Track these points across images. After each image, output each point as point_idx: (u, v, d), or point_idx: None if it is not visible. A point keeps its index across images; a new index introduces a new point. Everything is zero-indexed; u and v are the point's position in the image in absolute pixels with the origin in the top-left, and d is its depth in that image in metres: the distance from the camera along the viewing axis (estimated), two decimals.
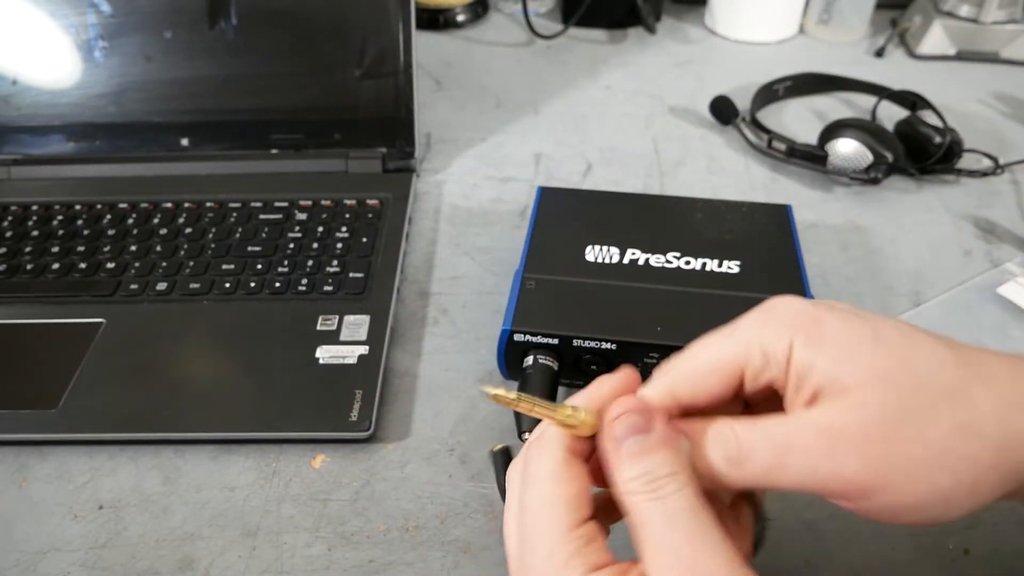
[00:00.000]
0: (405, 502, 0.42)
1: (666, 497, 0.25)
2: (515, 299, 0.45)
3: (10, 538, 0.41)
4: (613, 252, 0.49)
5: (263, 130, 0.66)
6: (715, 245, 0.49)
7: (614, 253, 0.48)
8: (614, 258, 0.48)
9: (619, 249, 0.49)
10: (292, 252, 0.57)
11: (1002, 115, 0.75)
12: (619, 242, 0.49)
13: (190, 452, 0.45)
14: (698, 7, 0.95)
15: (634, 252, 0.48)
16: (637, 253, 0.48)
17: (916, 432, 0.24)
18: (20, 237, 0.59)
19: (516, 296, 0.46)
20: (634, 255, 0.48)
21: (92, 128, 0.66)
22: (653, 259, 0.48)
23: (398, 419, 0.47)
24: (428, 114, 0.76)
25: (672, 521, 0.24)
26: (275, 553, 0.40)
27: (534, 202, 0.54)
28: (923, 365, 0.25)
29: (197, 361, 0.49)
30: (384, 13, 0.63)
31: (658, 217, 0.52)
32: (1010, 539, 0.40)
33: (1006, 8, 0.81)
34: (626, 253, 0.48)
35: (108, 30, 0.64)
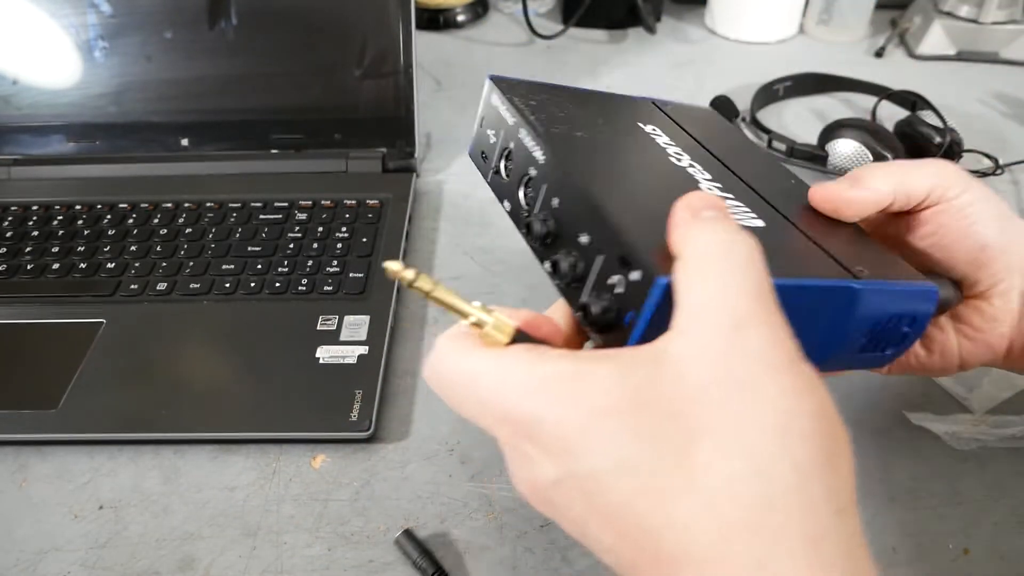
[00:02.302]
0: (405, 502, 0.42)
1: (732, 262, 0.23)
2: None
3: (10, 538, 0.41)
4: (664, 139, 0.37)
5: (263, 130, 0.66)
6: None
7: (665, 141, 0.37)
8: (657, 138, 0.37)
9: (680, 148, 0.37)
10: (292, 252, 0.57)
11: (1002, 115, 0.75)
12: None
13: (190, 452, 0.45)
14: (698, 7, 0.95)
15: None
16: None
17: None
18: (20, 237, 0.59)
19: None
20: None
21: (92, 128, 0.66)
22: (693, 169, 0.35)
23: (398, 419, 0.47)
24: (428, 114, 0.76)
25: (728, 286, 0.23)
26: (275, 553, 0.40)
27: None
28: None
29: (197, 361, 0.49)
30: (384, 13, 0.63)
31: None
32: (1010, 539, 0.40)
33: (1006, 8, 0.81)
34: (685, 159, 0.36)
35: (108, 30, 0.64)
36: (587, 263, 0.28)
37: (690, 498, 0.20)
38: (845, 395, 0.47)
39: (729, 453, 0.21)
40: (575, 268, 0.28)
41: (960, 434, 0.44)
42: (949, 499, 0.42)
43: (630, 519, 0.21)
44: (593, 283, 0.27)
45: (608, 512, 0.22)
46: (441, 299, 0.26)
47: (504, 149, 0.34)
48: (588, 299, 0.27)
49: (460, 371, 0.25)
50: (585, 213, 0.28)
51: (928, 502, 0.41)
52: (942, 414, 0.45)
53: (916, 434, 0.45)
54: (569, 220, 0.29)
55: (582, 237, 0.28)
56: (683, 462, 0.21)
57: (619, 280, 0.26)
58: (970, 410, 0.46)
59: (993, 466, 0.43)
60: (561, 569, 0.39)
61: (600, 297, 0.26)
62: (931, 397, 0.47)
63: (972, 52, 0.83)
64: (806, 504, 0.20)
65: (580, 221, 0.28)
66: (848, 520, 0.21)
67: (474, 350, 0.25)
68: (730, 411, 0.21)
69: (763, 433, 0.21)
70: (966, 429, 0.45)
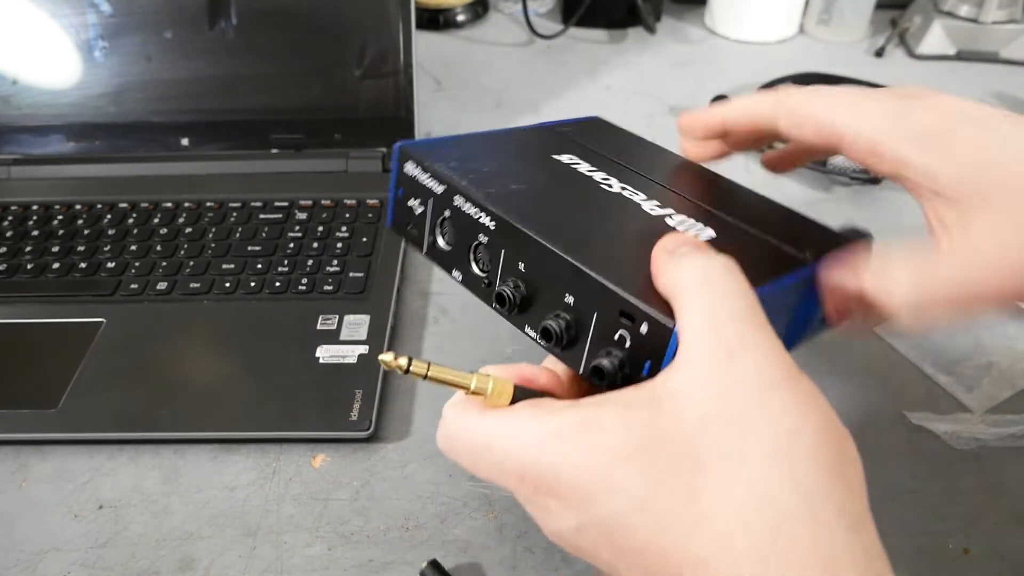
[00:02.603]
0: (405, 502, 0.42)
1: (718, 292, 0.24)
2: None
3: (10, 538, 0.41)
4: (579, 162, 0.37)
5: (263, 130, 0.66)
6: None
7: (580, 163, 0.37)
8: (580, 168, 0.36)
9: (591, 165, 0.37)
10: (292, 252, 0.57)
11: None
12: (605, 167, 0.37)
13: (190, 452, 0.45)
14: (698, 7, 0.95)
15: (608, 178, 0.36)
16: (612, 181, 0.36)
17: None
18: (20, 237, 0.59)
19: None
20: (608, 180, 0.36)
21: (92, 128, 0.66)
22: (627, 191, 0.34)
23: (398, 419, 0.47)
24: (428, 114, 0.76)
25: (721, 311, 0.23)
26: (275, 553, 0.40)
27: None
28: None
29: (197, 361, 0.49)
30: (384, 13, 0.63)
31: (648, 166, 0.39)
32: (1010, 539, 0.40)
33: (1006, 8, 0.81)
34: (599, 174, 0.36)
35: (108, 30, 0.64)
36: (580, 322, 0.27)
37: (704, 532, 0.21)
38: (845, 395, 0.47)
39: (734, 483, 0.21)
40: (569, 330, 0.28)
41: (960, 434, 0.44)
42: (949, 499, 0.42)
43: (653, 557, 0.22)
44: (592, 342, 0.27)
45: (633, 552, 0.22)
46: (438, 378, 0.26)
47: (438, 219, 0.32)
48: (599, 360, 0.26)
49: (472, 438, 0.26)
50: (562, 273, 0.28)
51: (928, 502, 0.41)
52: (942, 414, 0.45)
53: (916, 434, 0.45)
54: (544, 282, 0.29)
55: (567, 298, 0.28)
56: (693, 497, 0.21)
57: (626, 334, 0.26)
58: (970, 410, 0.46)
59: (993, 466, 0.43)
60: (561, 569, 0.39)
61: (610, 354, 0.26)
62: (931, 397, 0.47)
63: (972, 52, 0.83)
64: (816, 525, 0.20)
65: (558, 281, 0.28)
66: (862, 534, 0.21)
67: (482, 415, 0.26)
68: (732, 441, 0.21)
69: (766, 458, 0.21)
70: (966, 429, 0.45)
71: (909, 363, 0.49)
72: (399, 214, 0.35)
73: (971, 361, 0.49)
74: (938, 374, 0.48)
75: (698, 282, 0.24)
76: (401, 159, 0.34)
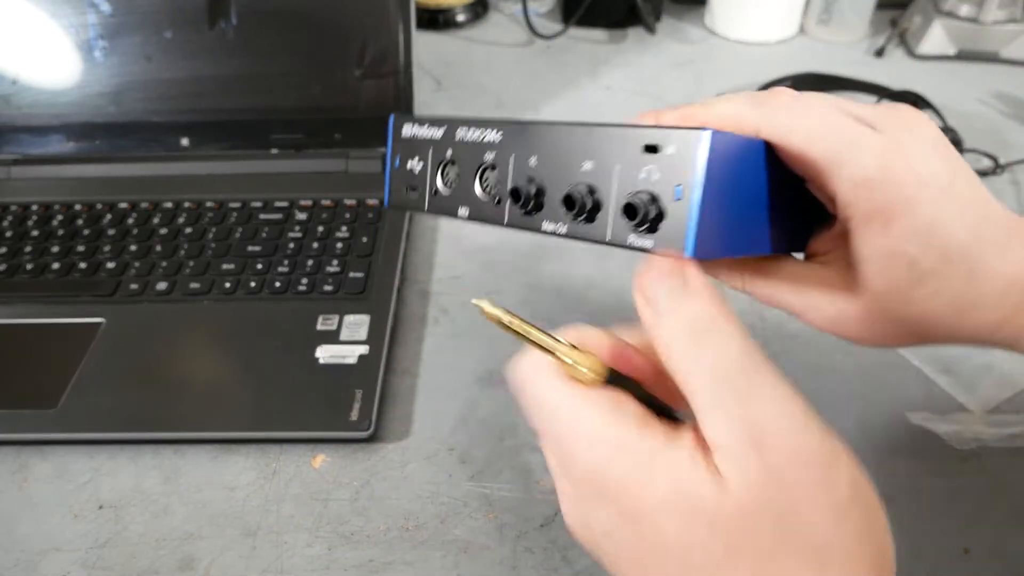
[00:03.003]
0: (405, 502, 0.42)
1: (712, 348, 0.23)
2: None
3: (10, 538, 0.41)
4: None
5: (263, 130, 0.66)
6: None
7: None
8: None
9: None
10: (292, 252, 0.57)
11: (1002, 115, 0.75)
12: None
13: (190, 452, 0.45)
14: (698, 7, 0.95)
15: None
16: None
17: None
18: (20, 237, 0.59)
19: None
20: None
21: (92, 128, 0.66)
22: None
23: (398, 419, 0.47)
24: (428, 114, 0.76)
25: (722, 376, 0.23)
26: (275, 553, 0.40)
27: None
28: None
29: (197, 361, 0.49)
30: (384, 13, 0.63)
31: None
32: (1010, 539, 0.40)
33: (1006, 8, 0.81)
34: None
35: (108, 30, 0.64)
36: (602, 184, 0.27)
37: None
38: (845, 395, 0.47)
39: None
40: (592, 192, 0.27)
41: (960, 434, 0.44)
42: (949, 499, 0.42)
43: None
44: (619, 191, 0.26)
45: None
46: (533, 339, 0.25)
47: (439, 163, 0.33)
48: (628, 199, 0.25)
49: (544, 399, 0.25)
50: (578, 142, 0.27)
51: (928, 502, 0.41)
52: (942, 414, 0.45)
53: (916, 434, 0.45)
54: (559, 165, 0.28)
55: (585, 165, 0.27)
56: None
57: (651, 167, 0.25)
58: (970, 410, 0.46)
59: (993, 466, 0.43)
60: (561, 569, 0.39)
61: (638, 193, 0.25)
62: (931, 397, 0.47)
63: (972, 52, 0.83)
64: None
65: (573, 155, 0.27)
66: None
67: (561, 384, 0.25)
68: (778, 547, 0.22)
69: (799, 557, 0.22)
70: (966, 429, 0.45)
71: (909, 363, 0.49)
72: (396, 183, 0.36)
73: (971, 361, 0.49)
74: (938, 374, 0.48)
75: (691, 342, 0.24)
76: (396, 126, 0.35)
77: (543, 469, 0.44)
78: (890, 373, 0.48)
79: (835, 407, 0.46)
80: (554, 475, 0.26)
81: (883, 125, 0.28)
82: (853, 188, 0.28)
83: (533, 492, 0.42)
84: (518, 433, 0.46)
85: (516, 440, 0.45)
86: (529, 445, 0.45)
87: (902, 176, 0.27)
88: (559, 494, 0.26)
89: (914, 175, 0.27)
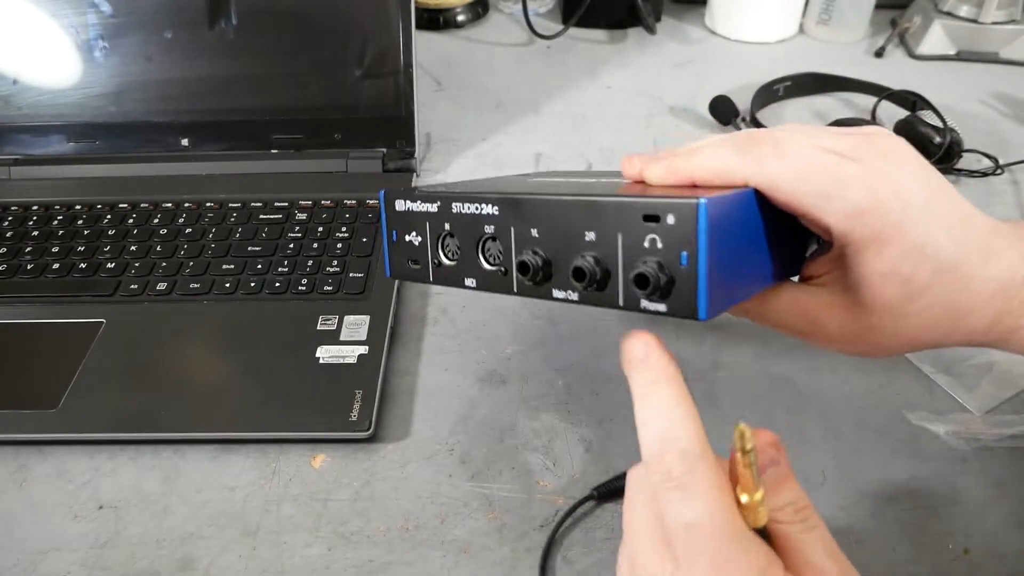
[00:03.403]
0: (405, 502, 0.42)
1: (816, 527, 0.26)
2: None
3: (10, 538, 0.41)
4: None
5: (263, 130, 0.66)
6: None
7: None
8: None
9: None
10: (292, 252, 0.57)
11: (1002, 115, 0.75)
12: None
13: (190, 452, 0.45)
14: (698, 7, 0.95)
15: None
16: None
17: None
18: (20, 237, 0.59)
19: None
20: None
21: (92, 128, 0.66)
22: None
23: (398, 419, 0.47)
24: (428, 114, 0.76)
25: (827, 549, 0.26)
26: (275, 553, 0.40)
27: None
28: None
29: (197, 361, 0.49)
30: (384, 13, 0.63)
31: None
32: (1010, 539, 0.40)
33: (1006, 8, 0.81)
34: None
35: (108, 30, 0.64)
36: (607, 254, 0.27)
37: None
38: (845, 395, 0.47)
39: None
40: (599, 263, 0.27)
41: (960, 434, 0.44)
42: (949, 499, 0.42)
43: None
44: (625, 261, 0.27)
45: None
46: (750, 471, 0.25)
47: (438, 237, 0.34)
48: (637, 269, 0.26)
49: (710, 516, 0.25)
50: (577, 215, 0.28)
51: (928, 502, 0.41)
52: (942, 414, 0.45)
53: (916, 434, 0.45)
54: (561, 235, 0.29)
55: (587, 236, 0.28)
56: None
57: (653, 236, 0.26)
58: (970, 410, 0.46)
59: (993, 466, 0.43)
60: (561, 569, 0.39)
61: (646, 263, 0.26)
62: (931, 397, 0.47)
63: (972, 52, 0.83)
64: None
65: (575, 224, 0.28)
66: None
67: (736, 520, 0.25)
68: None
69: None
70: (966, 429, 0.45)
71: (909, 363, 0.49)
72: (397, 257, 0.36)
73: (971, 361, 0.49)
74: (938, 374, 0.48)
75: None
76: (388, 201, 0.35)
77: (543, 469, 0.44)
78: (890, 373, 0.48)
79: (835, 407, 0.46)
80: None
81: (860, 154, 0.30)
82: (845, 220, 0.29)
83: (533, 492, 0.42)
84: (518, 433, 0.46)
85: (516, 440, 0.45)
86: (529, 445, 0.45)
87: (888, 203, 0.29)
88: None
89: (899, 200, 0.29)
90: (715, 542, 0.24)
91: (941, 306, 0.30)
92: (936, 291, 0.30)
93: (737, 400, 0.47)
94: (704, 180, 0.31)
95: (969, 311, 0.30)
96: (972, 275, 0.30)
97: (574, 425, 0.46)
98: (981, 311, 0.30)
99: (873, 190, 0.29)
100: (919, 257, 0.29)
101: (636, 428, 0.26)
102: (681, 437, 0.25)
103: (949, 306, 0.30)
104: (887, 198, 0.29)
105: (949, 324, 0.31)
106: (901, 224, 0.29)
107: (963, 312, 0.30)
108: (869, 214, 0.29)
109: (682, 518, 0.24)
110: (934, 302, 0.30)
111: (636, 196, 0.27)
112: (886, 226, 0.29)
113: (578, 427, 0.46)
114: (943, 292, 0.30)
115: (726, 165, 0.30)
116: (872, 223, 0.29)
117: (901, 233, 0.29)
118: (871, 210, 0.29)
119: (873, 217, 0.29)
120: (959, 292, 0.30)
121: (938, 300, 0.30)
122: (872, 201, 0.29)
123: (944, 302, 0.30)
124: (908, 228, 0.29)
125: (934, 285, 0.30)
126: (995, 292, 0.30)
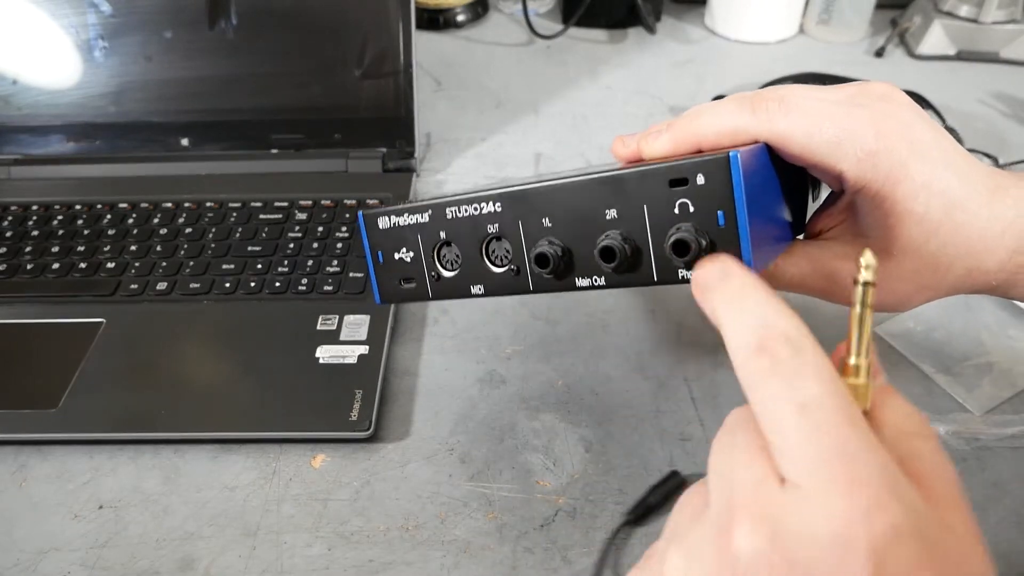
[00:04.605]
0: (405, 502, 0.42)
1: (932, 436, 0.25)
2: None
3: (10, 538, 0.41)
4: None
5: (263, 130, 0.66)
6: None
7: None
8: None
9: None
10: (292, 252, 0.57)
11: (1002, 115, 0.75)
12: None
13: (190, 452, 0.45)
14: (698, 7, 0.95)
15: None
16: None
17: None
18: (20, 237, 0.59)
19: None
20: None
21: (92, 128, 0.66)
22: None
23: (398, 419, 0.47)
24: (428, 114, 0.76)
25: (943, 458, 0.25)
26: (275, 553, 0.40)
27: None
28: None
29: (197, 361, 0.49)
30: (384, 13, 0.63)
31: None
32: (1010, 539, 0.40)
33: (1006, 8, 0.81)
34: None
35: (108, 30, 0.64)
36: (634, 229, 0.26)
37: None
38: None
39: None
40: (627, 240, 0.26)
41: (960, 434, 0.44)
42: None
43: None
44: (654, 234, 0.25)
45: None
46: (863, 333, 0.23)
47: (433, 248, 0.31)
48: (674, 236, 0.24)
49: (833, 397, 0.21)
50: (593, 194, 0.26)
51: None
52: (942, 414, 0.45)
53: None
54: (579, 219, 0.27)
55: (608, 214, 0.26)
56: None
57: (684, 201, 0.25)
58: (970, 410, 0.46)
59: (993, 466, 0.43)
60: (561, 569, 0.39)
61: (680, 228, 0.25)
62: (931, 397, 0.47)
63: (972, 52, 0.83)
64: None
65: (594, 205, 0.26)
66: None
67: (853, 401, 0.22)
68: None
69: None
70: (966, 429, 0.45)
71: (909, 363, 0.49)
72: (386, 279, 0.33)
73: (971, 361, 0.49)
74: (938, 374, 0.48)
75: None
76: (369, 222, 0.33)
77: (543, 469, 0.44)
78: (890, 373, 0.48)
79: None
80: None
81: (863, 101, 0.31)
82: (857, 164, 0.30)
83: (533, 492, 0.42)
84: (518, 433, 0.46)
85: (516, 440, 0.45)
86: (529, 445, 0.45)
87: (896, 142, 0.30)
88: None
89: (904, 139, 0.30)
90: (833, 425, 0.20)
91: (955, 245, 0.31)
92: (949, 228, 0.31)
93: (738, 400, 0.47)
94: (711, 142, 0.31)
95: (983, 249, 0.31)
96: (980, 211, 0.31)
97: (574, 425, 0.46)
98: (993, 249, 0.31)
99: (880, 132, 0.30)
100: (928, 194, 0.30)
101: (727, 348, 0.23)
102: (783, 324, 0.22)
103: (963, 244, 0.31)
104: (894, 138, 0.30)
105: (964, 265, 0.32)
106: (908, 163, 0.30)
107: (977, 251, 0.31)
108: (879, 155, 0.30)
109: (793, 401, 0.21)
110: (948, 240, 0.31)
111: (656, 164, 0.26)
112: (894, 166, 0.30)
113: (578, 427, 0.46)
114: (956, 229, 0.31)
115: (736, 124, 0.31)
116: (882, 164, 0.30)
117: (909, 172, 0.30)
118: (881, 151, 0.30)
119: (883, 158, 0.30)
120: (971, 228, 0.31)
121: (952, 239, 0.31)
122: (881, 142, 0.30)
123: (958, 241, 0.31)
124: (915, 166, 0.30)
125: (946, 222, 0.31)
126: (1004, 229, 0.31)
